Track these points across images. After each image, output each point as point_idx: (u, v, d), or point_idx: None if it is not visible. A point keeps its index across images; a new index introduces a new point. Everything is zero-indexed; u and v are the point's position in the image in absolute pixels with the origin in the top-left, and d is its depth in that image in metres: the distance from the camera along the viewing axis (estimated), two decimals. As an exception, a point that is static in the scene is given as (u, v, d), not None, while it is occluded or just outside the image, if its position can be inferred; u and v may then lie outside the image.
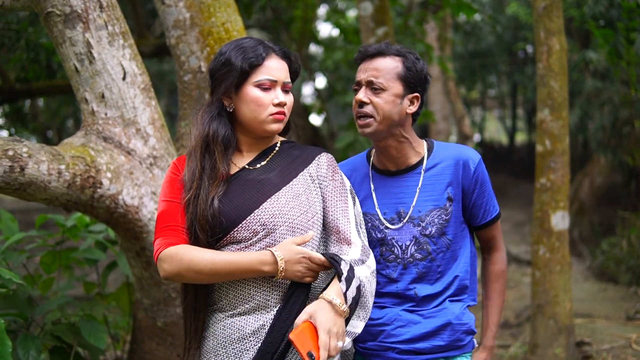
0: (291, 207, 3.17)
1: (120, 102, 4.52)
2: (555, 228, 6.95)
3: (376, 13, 9.43)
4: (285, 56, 3.31)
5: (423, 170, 3.50)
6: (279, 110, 3.22)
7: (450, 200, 3.47)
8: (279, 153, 3.37)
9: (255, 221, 3.14)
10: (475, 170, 3.47)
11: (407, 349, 3.42)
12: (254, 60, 3.19)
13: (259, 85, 3.21)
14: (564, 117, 6.93)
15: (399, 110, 3.42)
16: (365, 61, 3.49)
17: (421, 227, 3.46)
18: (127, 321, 6.77)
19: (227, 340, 3.15)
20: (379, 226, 3.51)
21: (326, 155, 3.39)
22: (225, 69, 3.22)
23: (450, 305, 3.47)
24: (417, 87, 3.46)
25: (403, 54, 3.46)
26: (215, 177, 3.21)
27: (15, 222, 5.97)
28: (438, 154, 3.53)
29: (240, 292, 3.15)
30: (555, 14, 6.93)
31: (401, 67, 3.42)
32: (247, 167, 3.31)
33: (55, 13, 4.35)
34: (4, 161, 3.89)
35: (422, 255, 3.47)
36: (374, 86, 3.41)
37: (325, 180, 3.30)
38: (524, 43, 21.00)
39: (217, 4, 5.09)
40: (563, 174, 6.92)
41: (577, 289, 10.38)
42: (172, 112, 23.67)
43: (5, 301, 5.20)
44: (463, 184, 3.48)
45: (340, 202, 3.29)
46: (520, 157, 28.35)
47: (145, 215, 4.54)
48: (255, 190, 3.21)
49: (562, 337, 6.99)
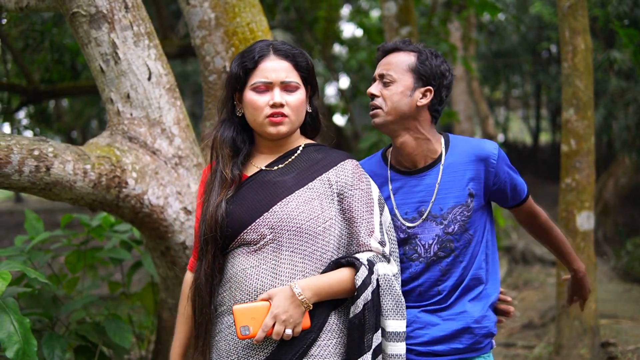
0: (300, 212, 3.13)
1: (146, 102, 4.53)
2: (580, 228, 6.92)
3: (400, 13, 9.43)
4: (287, 56, 3.26)
5: (442, 167, 3.46)
6: (274, 111, 3.19)
7: (472, 195, 3.44)
8: (301, 156, 3.33)
9: (263, 224, 3.13)
10: (496, 163, 3.44)
11: (426, 351, 3.39)
12: (247, 64, 3.23)
13: (254, 89, 3.21)
14: (589, 116, 6.89)
15: (408, 102, 3.38)
16: (383, 57, 3.52)
17: (444, 225, 3.43)
18: (151, 321, 6.79)
19: (237, 344, 3.13)
20: (401, 226, 3.47)
21: (351, 161, 3.33)
22: (229, 75, 3.30)
23: (471, 307, 3.43)
24: (431, 81, 3.42)
25: (419, 49, 3.46)
26: (224, 180, 3.24)
27: (40, 221, 5.99)
28: (456, 149, 3.50)
29: (247, 295, 3.12)
30: (580, 13, 6.89)
31: (414, 60, 3.42)
32: (265, 168, 3.30)
33: (80, 14, 4.37)
34: (29, 161, 3.90)
35: (446, 252, 3.44)
36: (385, 79, 3.42)
37: (349, 188, 3.24)
38: (548, 43, 20.90)
39: (242, 4, 5.10)
40: (588, 173, 6.88)
41: (602, 290, 10.31)
42: (196, 112, 23.72)
43: (30, 300, 5.23)
44: (485, 179, 3.45)
45: (364, 212, 3.24)
46: (544, 158, 28.22)
47: (171, 215, 4.55)
48: (268, 192, 3.20)
49: (587, 338, 6.96)
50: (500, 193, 3.53)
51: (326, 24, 14.56)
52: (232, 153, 3.30)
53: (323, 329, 3.12)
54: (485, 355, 3.49)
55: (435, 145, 3.49)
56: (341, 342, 3.16)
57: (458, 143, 3.53)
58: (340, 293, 3.12)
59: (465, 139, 3.58)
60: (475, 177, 3.44)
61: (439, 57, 3.47)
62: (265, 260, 3.11)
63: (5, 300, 4.02)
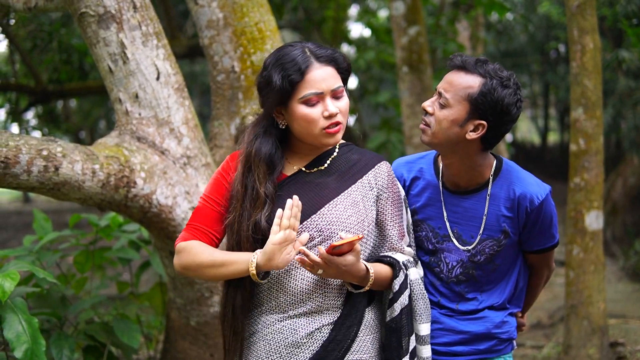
0: (349, 215, 3.10)
1: (154, 102, 4.53)
2: (589, 228, 6.89)
3: (408, 12, 9.43)
4: (330, 60, 3.12)
5: (488, 196, 3.34)
6: (331, 122, 3.06)
7: (506, 234, 3.34)
8: (338, 157, 3.27)
9: (312, 226, 3.09)
10: (538, 210, 3.30)
11: (445, 351, 3.40)
12: (294, 77, 3.02)
13: (304, 102, 3.04)
14: (598, 116, 6.87)
15: (457, 132, 3.19)
16: (452, 71, 3.26)
17: (470, 253, 3.38)
18: (160, 321, 6.79)
19: (281, 344, 3.09)
20: (432, 239, 3.43)
21: (386, 163, 3.29)
22: (268, 88, 3.08)
23: (491, 313, 3.42)
24: (487, 115, 3.15)
25: (487, 74, 3.16)
26: (257, 198, 3.10)
27: (48, 221, 6.00)
28: (503, 181, 3.35)
29: (291, 295, 3.09)
30: (589, 12, 6.87)
31: (476, 88, 3.14)
32: (304, 169, 3.22)
33: (89, 13, 4.37)
34: (38, 161, 3.91)
35: (466, 277, 3.41)
36: (441, 100, 3.21)
37: (385, 191, 3.22)
38: (556, 42, 20.82)
39: (250, 4, 5.09)
40: (597, 173, 6.85)
41: (611, 290, 10.29)
42: (204, 113, 23.71)
43: (39, 300, 5.24)
44: (522, 222, 3.33)
45: (397, 216, 3.24)
46: (552, 157, 28.13)
47: (179, 214, 4.55)
48: (313, 194, 3.14)
49: (596, 338, 6.93)
50: (533, 237, 3.41)
51: (334, 24, 14.55)
52: (269, 170, 3.15)
53: (363, 322, 3.14)
54: (506, 356, 3.48)
55: (483, 171, 3.36)
56: (377, 339, 3.20)
57: (507, 175, 3.37)
58: (379, 287, 3.14)
59: (517, 172, 3.40)
60: (513, 216, 3.33)
61: (509, 88, 3.18)
62: None
63: (14, 300, 4.03)
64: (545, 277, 3.66)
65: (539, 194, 3.29)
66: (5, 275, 3.89)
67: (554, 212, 3.38)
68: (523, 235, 3.38)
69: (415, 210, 3.49)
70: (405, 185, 3.53)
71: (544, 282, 3.68)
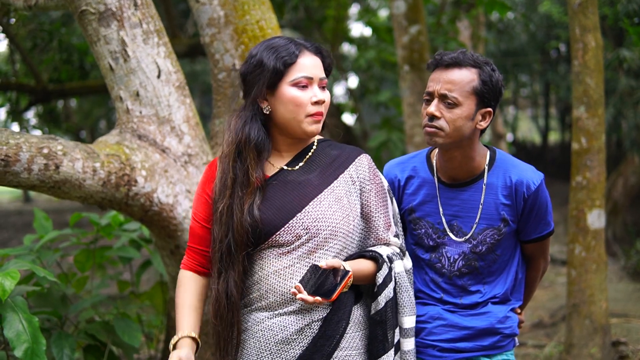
0: (334, 211, 3.13)
1: (155, 100, 4.52)
2: (591, 227, 6.88)
3: (409, 11, 9.41)
4: (318, 52, 3.20)
5: (484, 186, 3.41)
6: (317, 110, 3.12)
7: (506, 222, 3.40)
8: (317, 153, 3.29)
9: (298, 225, 3.10)
10: (534, 195, 3.37)
11: (448, 347, 3.42)
12: (287, 58, 3.09)
13: (295, 84, 3.09)
14: (600, 114, 6.86)
15: (470, 125, 3.28)
16: (439, 70, 3.31)
17: (472, 244, 3.43)
18: (160, 320, 6.79)
19: (270, 341, 3.11)
20: (432, 235, 3.48)
21: (366, 156, 3.32)
22: (258, 71, 3.12)
23: (494, 308, 3.45)
24: (491, 102, 3.30)
25: (479, 64, 3.28)
26: (248, 185, 3.13)
27: (49, 220, 6.00)
28: (499, 169, 3.43)
29: (280, 296, 3.11)
30: (591, 11, 6.86)
31: (477, 80, 3.25)
32: (286, 167, 3.24)
33: (89, 11, 4.36)
34: (38, 159, 3.90)
35: (469, 269, 3.45)
36: (448, 101, 3.24)
37: (367, 183, 3.25)
38: (557, 41, 20.81)
39: (252, 2, 5.07)
40: (599, 172, 6.85)
41: (612, 289, 10.28)
42: (205, 112, 23.74)
43: (39, 299, 5.22)
44: (520, 209, 3.39)
45: (381, 207, 3.27)
46: (553, 157, 28.15)
47: (180, 213, 4.54)
48: (297, 192, 3.16)
49: (598, 337, 6.93)
50: (529, 224, 3.46)
51: (335, 23, 14.52)
52: (258, 155, 3.17)
53: (351, 318, 3.16)
54: (508, 353, 3.50)
55: (479, 162, 3.44)
56: (365, 335, 3.22)
57: (502, 164, 3.46)
58: (364, 282, 3.18)
59: (511, 160, 3.49)
60: (511, 203, 3.40)
61: (495, 70, 3.33)
62: (299, 261, 3.10)
63: (14, 299, 4.02)
64: (542, 269, 3.71)
65: (534, 179, 3.39)
66: (5, 274, 3.89)
67: (549, 199, 3.47)
68: (521, 223, 3.45)
69: (412, 208, 3.54)
70: (400, 186, 3.59)
71: (541, 275, 3.74)
